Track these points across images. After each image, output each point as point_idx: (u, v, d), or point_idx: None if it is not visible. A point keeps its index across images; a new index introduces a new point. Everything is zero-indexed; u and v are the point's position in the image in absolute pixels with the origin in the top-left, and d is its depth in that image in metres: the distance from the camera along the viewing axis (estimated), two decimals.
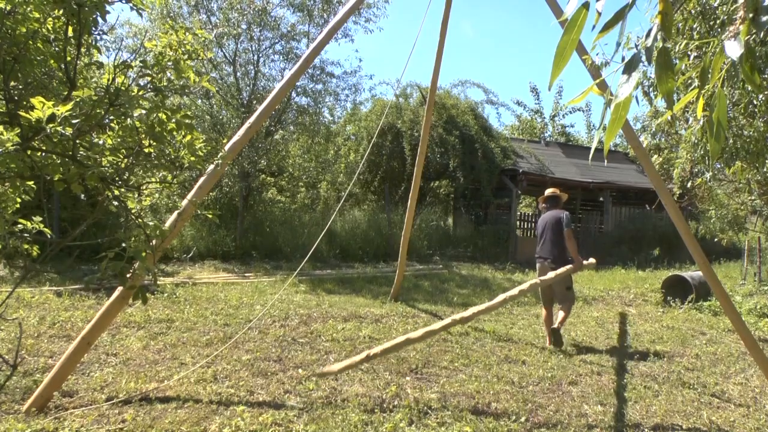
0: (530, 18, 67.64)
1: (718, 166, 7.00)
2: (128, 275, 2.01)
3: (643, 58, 1.24)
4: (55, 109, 1.58)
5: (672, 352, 6.97)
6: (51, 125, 1.57)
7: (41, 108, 1.56)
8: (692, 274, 10.62)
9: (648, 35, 1.24)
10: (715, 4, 5.31)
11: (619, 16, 1.22)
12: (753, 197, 11.16)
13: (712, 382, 5.82)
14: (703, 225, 13.11)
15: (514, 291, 5.52)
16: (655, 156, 11.41)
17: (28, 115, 1.57)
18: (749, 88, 5.28)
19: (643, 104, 10.23)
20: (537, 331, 7.64)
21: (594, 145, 1.41)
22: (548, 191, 7.70)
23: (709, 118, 1.28)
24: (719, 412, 5.02)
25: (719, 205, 12.40)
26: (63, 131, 1.58)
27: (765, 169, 7.83)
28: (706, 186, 11.38)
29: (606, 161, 20.48)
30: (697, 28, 5.62)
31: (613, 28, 1.24)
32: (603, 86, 1.90)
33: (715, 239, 13.18)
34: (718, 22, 5.48)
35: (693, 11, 5.38)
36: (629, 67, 1.24)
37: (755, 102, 5.87)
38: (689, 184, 10.59)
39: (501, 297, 5.40)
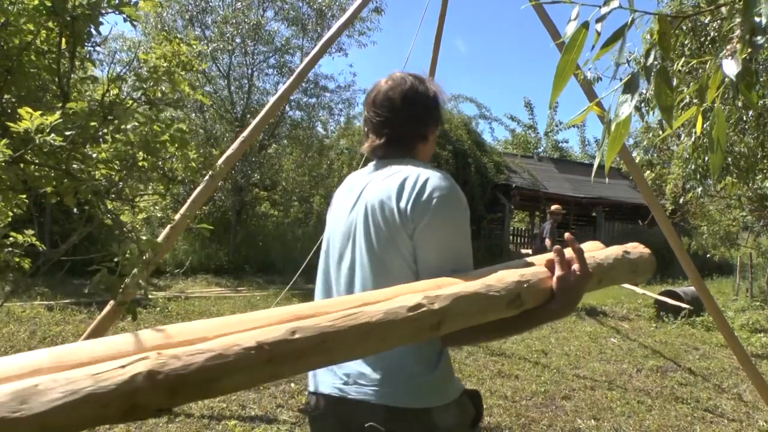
0: (522, 34, 68.19)
1: (710, 182, 7.05)
2: (120, 289, 2.00)
3: (641, 79, 1.24)
4: (43, 119, 1.57)
5: (665, 366, 6.97)
6: (40, 136, 1.56)
7: (29, 118, 1.55)
8: (685, 289, 10.63)
9: (647, 55, 1.24)
10: (706, 21, 5.37)
11: (618, 35, 1.22)
12: (744, 213, 11.23)
13: (705, 397, 5.81)
14: (695, 241, 13.16)
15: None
16: (648, 171, 11.48)
17: (16, 126, 1.56)
18: (740, 105, 5.33)
19: (635, 120, 10.32)
20: (530, 345, 7.63)
21: (596, 165, 1.41)
22: (552, 207, 11.64)
23: (707, 135, 1.28)
24: (712, 427, 5.02)
25: (711, 221, 12.46)
26: (53, 141, 1.56)
27: (755, 185, 7.88)
28: (698, 202, 11.45)
29: (603, 178, 20.58)
30: (689, 44, 5.68)
31: (613, 46, 1.25)
32: (601, 104, 1.91)
33: (708, 255, 13.23)
34: (708, 38, 5.54)
35: (684, 27, 5.43)
36: (629, 87, 1.24)
37: (745, 119, 5.93)
38: (681, 200, 10.64)
39: None
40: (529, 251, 11.57)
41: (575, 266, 1.44)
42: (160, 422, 4.33)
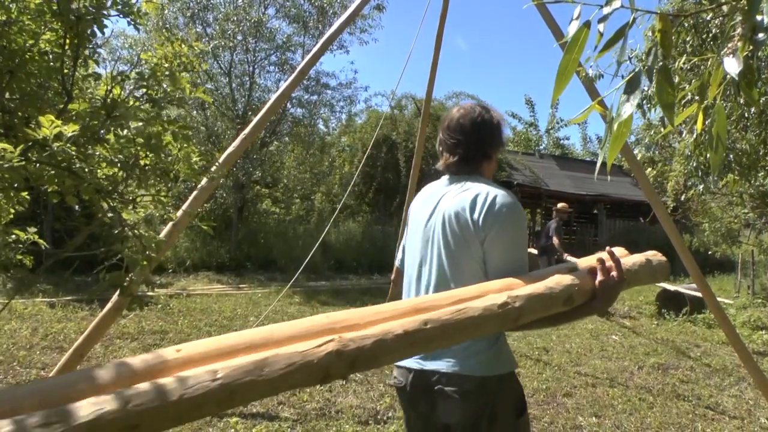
0: (523, 32, 68.11)
1: (715, 179, 7.04)
2: (125, 284, 2.00)
3: (643, 77, 1.24)
4: (63, 128, 1.58)
5: (667, 364, 6.97)
6: (57, 144, 1.57)
7: (49, 126, 1.56)
8: (686, 286, 10.62)
9: (648, 54, 1.25)
10: (708, 18, 5.35)
11: (620, 34, 1.22)
12: (746, 210, 11.22)
13: (706, 395, 5.81)
14: (697, 238, 13.15)
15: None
16: (649, 169, 11.44)
17: (34, 133, 1.56)
18: (741, 102, 5.32)
19: (636, 117, 10.29)
20: (531, 342, 7.63)
21: (599, 164, 1.43)
22: (559, 205, 11.32)
23: (708, 132, 1.29)
24: (714, 425, 5.02)
25: (713, 219, 12.45)
26: (68, 149, 1.57)
27: (757, 182, 7.87)
28: (699, 199, 11.44)
29: (605, 176, 20.58)
30: (690, 42, 5.66)
31: (614, 46, 1.25)
32: (603, 103, 1.93)
33: (709, 252, 13.22)
34: (710, 35, 5.52)
35: (686, 24, 5.42)
36: (631, 86, 1.25)
37: (747, 116, 5.91)
38: (683, 197, 10.63)
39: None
40: (533, 249, 11.35)
41: (613, 273, 1.76)
42: None
